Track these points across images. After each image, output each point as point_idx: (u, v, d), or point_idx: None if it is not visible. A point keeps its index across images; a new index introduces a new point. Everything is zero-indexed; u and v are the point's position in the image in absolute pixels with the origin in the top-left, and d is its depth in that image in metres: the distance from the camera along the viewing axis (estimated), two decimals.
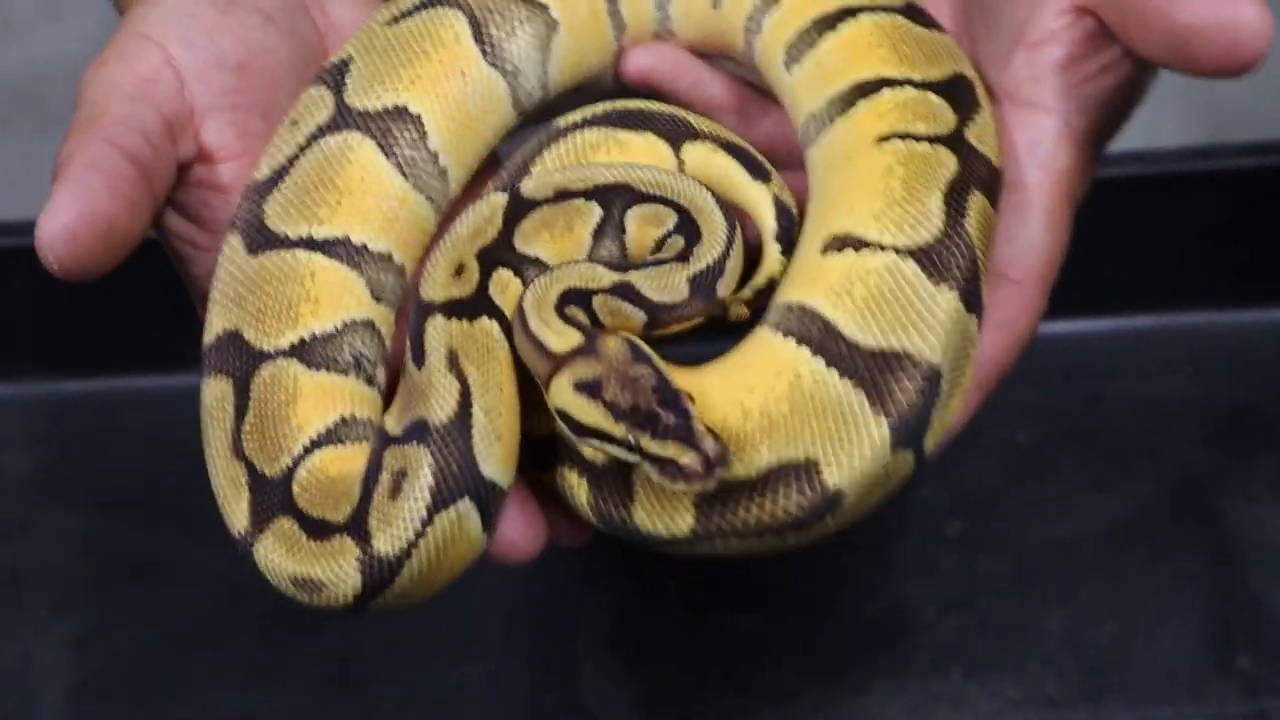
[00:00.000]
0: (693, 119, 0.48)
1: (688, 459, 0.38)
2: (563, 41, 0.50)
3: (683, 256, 0.44)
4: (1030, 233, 0.45)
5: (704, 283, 0.43)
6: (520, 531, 0.44)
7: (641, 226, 0.45)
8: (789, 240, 0.46)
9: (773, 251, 0.46)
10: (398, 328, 0.47)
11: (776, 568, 0.66)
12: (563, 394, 0.41)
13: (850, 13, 0.49)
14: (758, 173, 0.47)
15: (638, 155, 0.48)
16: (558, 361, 0.41)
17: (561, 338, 0.41)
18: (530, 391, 0.44)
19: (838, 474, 0.41)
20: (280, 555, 0.42)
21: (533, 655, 0.64)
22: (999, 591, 0.64)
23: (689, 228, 0.45)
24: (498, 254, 0.44)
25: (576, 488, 0.44)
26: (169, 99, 0.46)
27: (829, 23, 0.49)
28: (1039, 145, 0.46)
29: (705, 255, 0.44)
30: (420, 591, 0.43)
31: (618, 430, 0.40)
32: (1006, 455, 0.68)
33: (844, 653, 0.63)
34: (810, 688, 0.62)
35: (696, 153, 0.48)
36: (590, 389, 0.40)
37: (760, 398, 0.42)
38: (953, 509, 0.67)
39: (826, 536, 0.43)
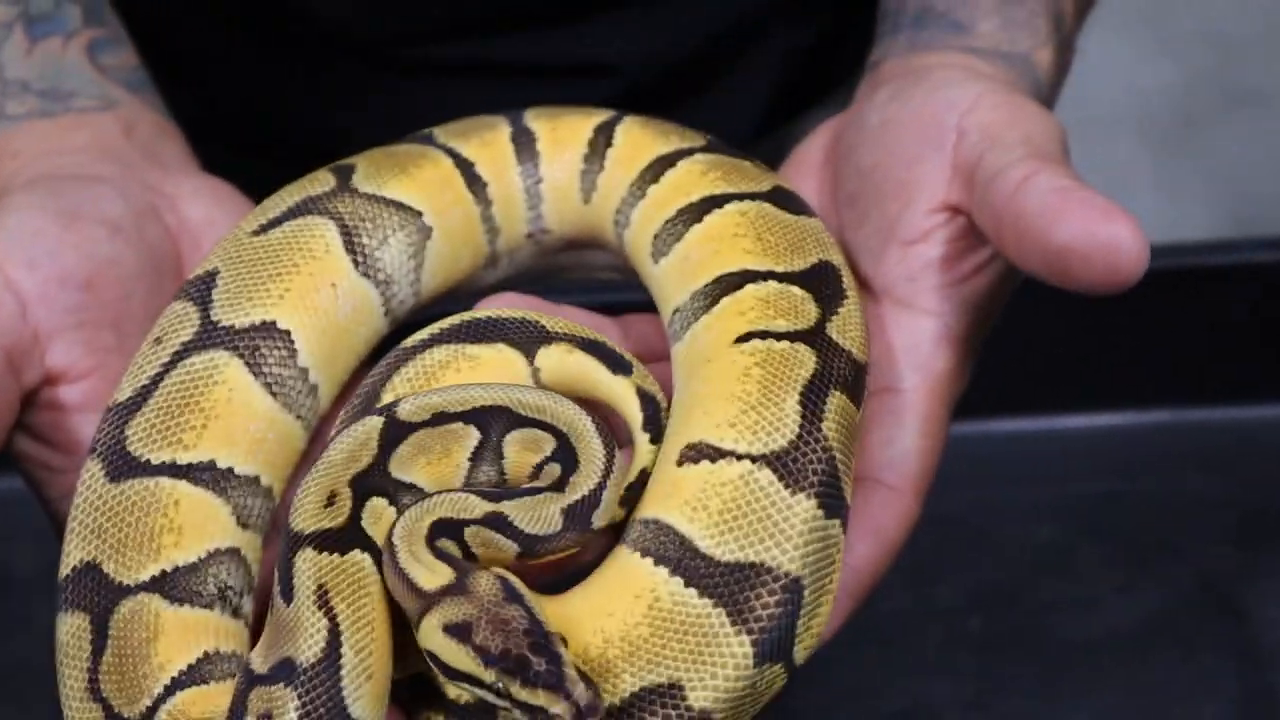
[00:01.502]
0: (545, 320, 0.47)
1: (558, 708, 0.38)
2: (436, 248, 0.50)
3: (559, 485, 0.43)
4: (906, 438, 0.45)
5: (579, 514, 0.42)
6: None
7: (520, 451, 0.44)
8: (657, 428, 0.45)
9: (642, 443, 0.45)
10: (265, 553, 0.46)
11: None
12: (432, 636, 0.40)
13: (716, 202, 0.48)
14: (618, 366, 0.46)
15: (490, 369, 0.46)
16: (428, 600, 0.40)
17: (432, 574, 0.40)
18: (399, 630, 0.42)
19: (704, 696, 0.41)
20: None
21: None
22: (1021, 692, 0.64)
23: (567, 454, 0.44)
24: (372, 481, 0.43)
25: None
26: (9, 328, 0.45)
27: (694, 213, 0.48)
28: (917, 348, 0.46)
29: (581, 485, 0.43)
30: None
31: (488, 676, 0.39)
32: (1026, 552, 0.69)
33: None
34: None
35: (552, 356, 0.47)
36: (460, 631, 0.39)
37: (619, 622, 0.41)
38: (973, 606, 0.67)
39: None
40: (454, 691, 0.41)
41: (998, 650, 0.66)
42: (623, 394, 0.45)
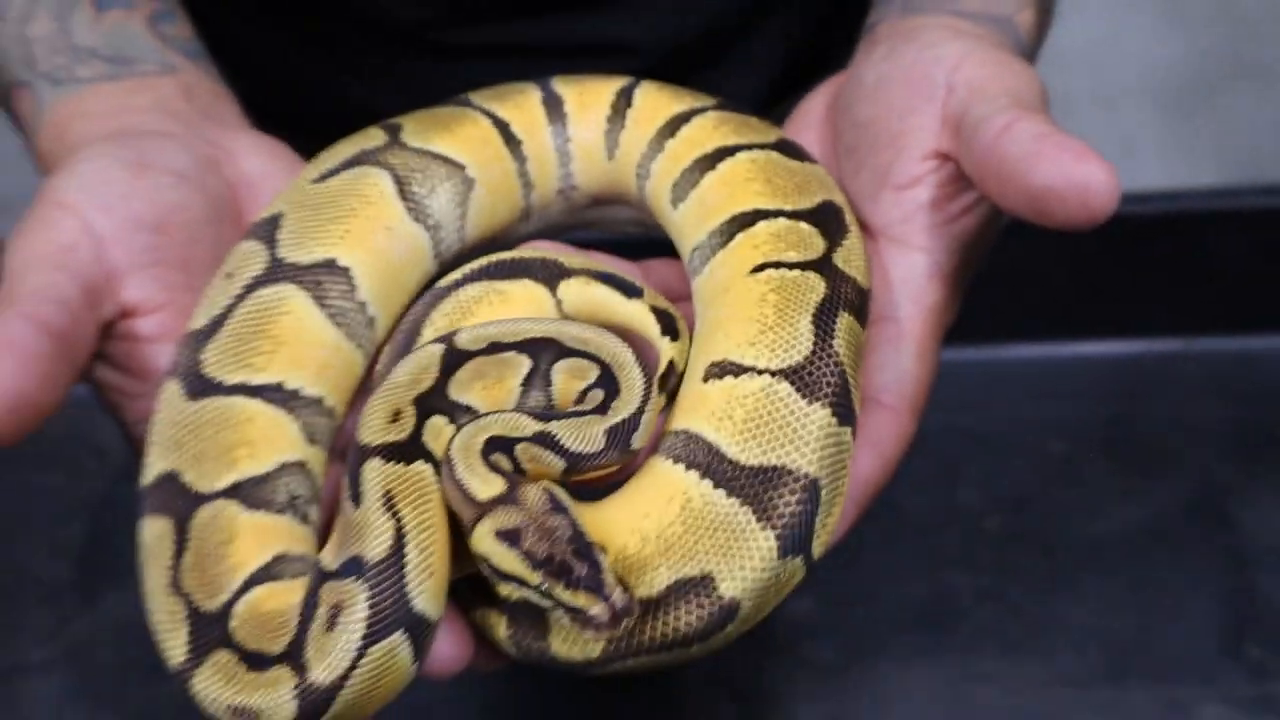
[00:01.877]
0: (564, 259, 0.47)
1: (597, 609, 0.38)
2: (478, 199, 0.50)
3: (602, 409, 0.43)
4: (903, 362, 0.45)
5: (620, 435, 0.43)
6: (448, 651, 0.42)
7: (566, 379, 0.45)
8: (673, 331, 0.45)
9: (663, 344, 0.45)
10: (331, 468, 0.46)
11: (825, 558, 0.66)
12: (484, 540, 0.40)
13: (728, 152, 0.49)
14: (630, 292, 0.46)
15: (517, 302, 0.47)
16: (481, 509, 0.40)
17: (486, 485, 0.40)
18: (455, 535, 0.42)
19: (733, 586, 0.41)
20: (218, 685, 0.41)
21: None
22: (1030, 583, 0.64)
23: (609, 382, 0.44)
24: (433, 402, 0.43)
25: (495, 625, 0.43)
26: (87, 265, 0.44)
27: (709, 162, 0.49)
28: (910, 281, 0.46)
29: (622, 409, 0.43)
30: (353, 718, 0.41)
31: (534, 578, 0.39)
32: (1040, 462, 0.69)
33: (888, 633, 0.63)
34: (856, 663, 0.62)
35: (572, 289, 0.47)
36: (510, 537, 0.40)
37: (655, 522, 0.41)
38: (991, 509, 0.67)
39: (728, 642, 0.42)
40: (505, 590, 0.41)
41: (1011, 547, 0.66)
42: (638, 314, 0.46)
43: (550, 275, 0.47)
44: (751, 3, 0.70)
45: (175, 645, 0.41)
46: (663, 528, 0.41)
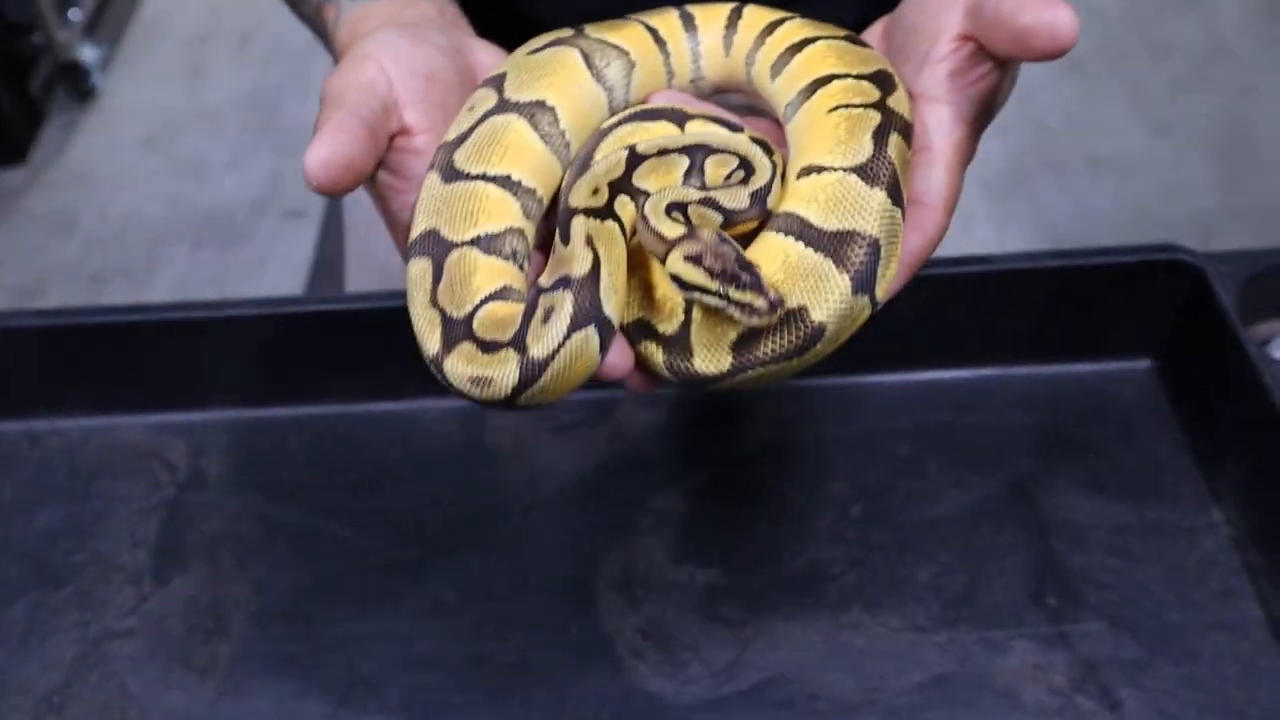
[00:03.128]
0: (687, 108, 0.50)
1: (760, 302, 0.40)
2: (637, 76, 0.53)
3: (744, 182, 0.45)
4: (937, 174, 0.47)
5: (760, 197, 0.45)
6: (619, 358, 0.45)
7: (715, 168, 0.47)
8: (768, 149, 0.47)
9: (761, 160, 0.47)
10: (538, 235, 0.49)
11: (729, 538, 0.66)
12: (676, 263, 0.42)
13: (810, 41, 0.51)
14: (733, 128, 0.48)
15: (657, 135, 0.49)
16: (670, 244, 0.42)
17: (672, 229, 0.43)
18: (630, 286, 0.45)
19: (821, 313, 0.43)
20: (462, 364, 0.44)
21: (564, 594, 0.64)
22: (886, 554, 0.64)
23: (748, 167, 0.46)
24: (621, 185, 0.45)
25: (655, 354, 0.45)
26: (383, 93, 0.48)
27: (797, 48, 0.51)
28: (941, 123, 0.48)
29: (759, 180, 0.45)
30: (555, 390, 0.44)
31: (713, 285, 0.41)
32: (891, 462, 0.69)
33: (779, 595, 0.63)
34: (755, 618, 0.62)
35: (694, 125, 0.50)
36: (694, 259, 0.42)
37: (766, 271, 0.43)
38: (854, 498, 0.67)
39: (818, 359, 0.44)
40: (689, 297, 0.43)
41: (871, 527, 0.66)
42: (741, 141, 0.47)
43: (678, 118, 0.50)
44: None
45: (433, 341, 0.45)
46: (772, 274, 0.43)
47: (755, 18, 0.54)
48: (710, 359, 0.44)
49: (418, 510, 0.68)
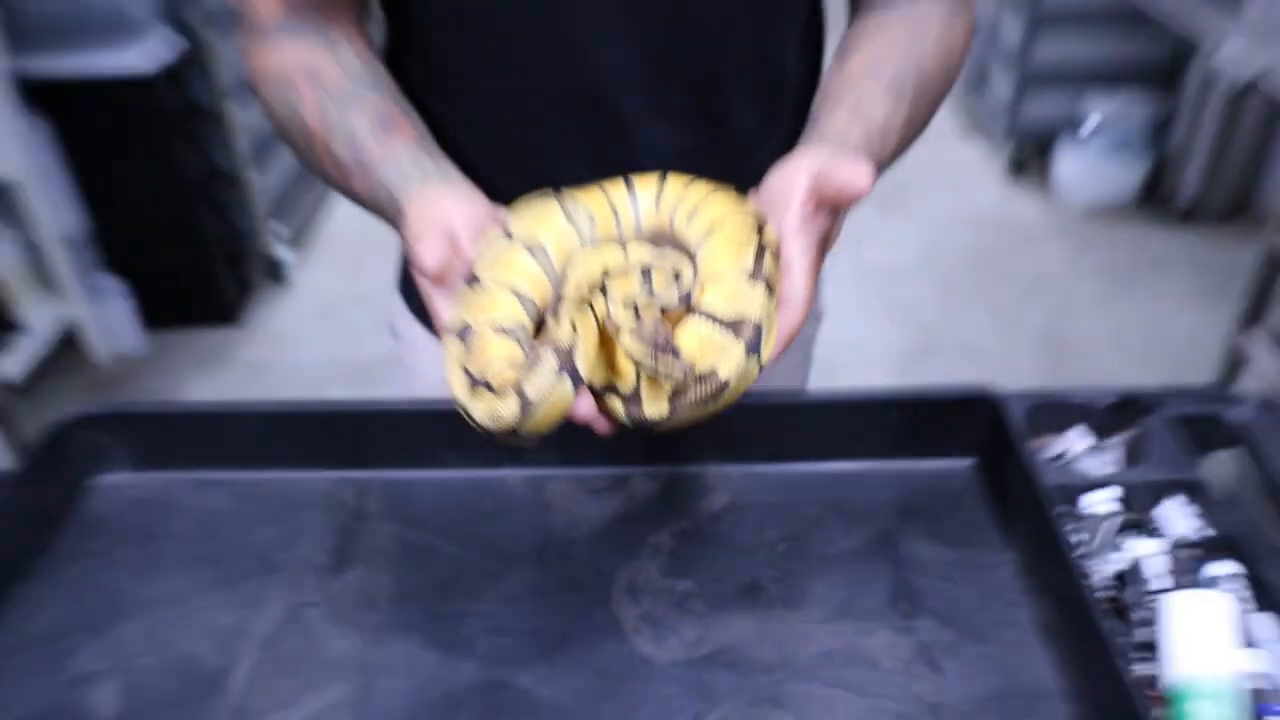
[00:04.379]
0: (628, 240, 0.47)
1: (678, 371, 0.40)
2: (597, 221, 0.50)
3: (675, 286, 0.43)
4: (797, 284, 0.46)
5: (685, 298, 0.43)
6: (585, 406, 0.43)
7: (657, 276, 0.44)
8: (692, 261, 0.45)
9: (687, 272, 0.45)
10: (533, 321, 0.46)
11: (699, 563, 0.66)
12: (628, 341, 0.40)
13: (710, 194, 0.49)
14: (661, 250, 0.46)
15: (610, 255, 0.46)
16: (626, 328, 0.41)
17: (628, 318, 0.40)
18: (599, 359, 0.43)
19: (726, 371, 0.42)
20: (482, 406, 0.41)
21: (592, 593, 0.64)
22: (799, 575, 0.65)
23: (679, 276, 0.44)
24: (597, 287, 0.43)
25: (617, 406, 0.44)
26: (448, 225, 0.47)
27: (703, 201, 0.49)
28: (797, 253, 0.47)
29: (684, 287, 0.43)
30: (543, 422, 0.41)
31: (650, 358, 0.40)
32: (802, 520, 0.70)
33: (729, 598, 0.63)
34: (714, 612, 0.62)
35: (632, 248, 0.46)
36: (640, 339, 0.40)
37: (689, 345, 0.42)
38: (780, 540, 0.68)
39: (728, 404, 0.43)
40: (636, 364, 0.41)
41: (791, 559, 0.68)
42: (675, 257, 0.45)
43: (623, 243, 0.46)
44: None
45: (462, 392, 0.43)
46: (692, 349, 0.42)
47: (675, 181, 0.51)
48: (654, 407, 0.43)
49: (499, 538, 0.67)
